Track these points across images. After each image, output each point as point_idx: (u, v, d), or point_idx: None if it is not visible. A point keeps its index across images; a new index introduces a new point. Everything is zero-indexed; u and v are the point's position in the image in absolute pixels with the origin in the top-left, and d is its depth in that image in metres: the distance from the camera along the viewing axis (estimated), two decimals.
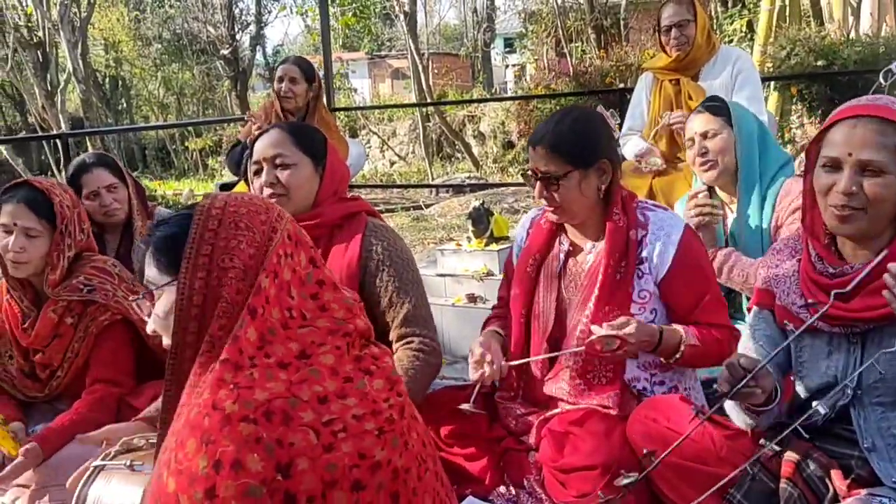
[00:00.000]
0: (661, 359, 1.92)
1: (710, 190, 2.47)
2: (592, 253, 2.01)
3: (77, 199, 2.38)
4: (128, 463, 1.73)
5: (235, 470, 0.91)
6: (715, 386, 1.64)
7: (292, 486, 0.92)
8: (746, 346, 1.74)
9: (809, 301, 1.58)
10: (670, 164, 3.26)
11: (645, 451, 1.68)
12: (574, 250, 2.06)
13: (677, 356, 1.88)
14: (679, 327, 1.91)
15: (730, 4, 10.68)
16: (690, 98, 3.26)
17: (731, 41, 9.47)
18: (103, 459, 1.77)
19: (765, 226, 2.33)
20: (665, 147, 3.29)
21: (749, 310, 1.81)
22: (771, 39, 7.29)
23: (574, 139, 1.94)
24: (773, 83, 7.21)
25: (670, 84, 3.34)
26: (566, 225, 2.08)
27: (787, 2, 8.05)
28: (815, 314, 1.54)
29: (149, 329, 1.20)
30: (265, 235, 1.08)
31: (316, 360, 1.01)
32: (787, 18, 8.00)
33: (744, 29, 9.80)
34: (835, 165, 1.49)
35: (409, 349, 2.02)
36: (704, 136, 2.40)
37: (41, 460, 2.11)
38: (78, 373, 2.34)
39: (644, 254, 1.94)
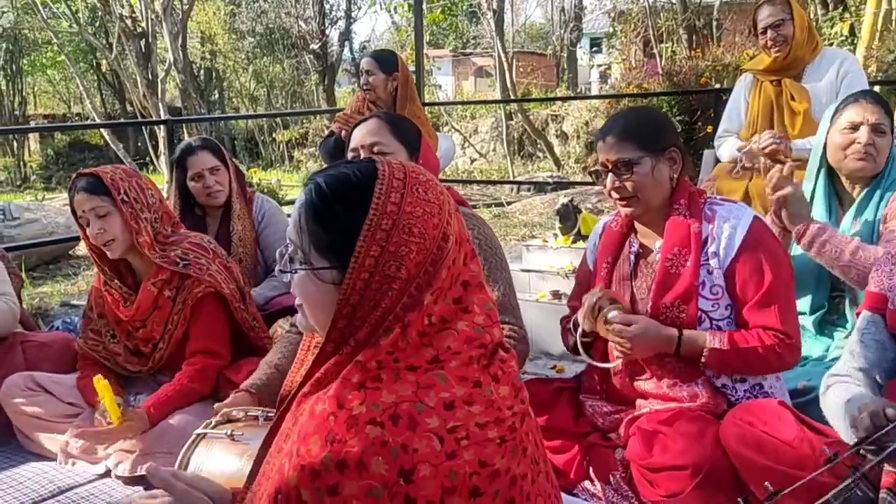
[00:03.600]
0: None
1: (831, 183, 2.42)
2: (661, 252, 1.99)
3: (137, 172, 2.52)
4: (229, 432, 1.81)
5: (359, 471, 0.91)
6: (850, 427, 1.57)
7: (413, 490, 0.92)
8: (854, 350, 1.69)
9: None
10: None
11: (767, 484, 1.61)
12: (644, 252, 2.05)
13: (702, 360, 1.86)
14: (705, 333, 1.87)
15: (830, 7, 10.26)
16: (793, 99, 3.15)
17: (831, 44, 9.11)
18: (205, 429, 1.86)
19: (878, 219, 2.27)
20: None
21: (858, 314, 1.76)
22: (876, 43, 6.99)
23: (643, 126, 1.96)
24: (877, 88, 6.91)
25: (771, 85, 3.24)
26: (636, 226, 2.07)
27: (893, 5, 7.71)
28: None
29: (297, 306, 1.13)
30: (435, 243, 1.02)
31: (447, 366, 0.99)
32: (894, 22, 7.66)
33: (844, 32, 9.41)
34: None
35: None
36: (875, 129, 2.28)
37: (147, 428, 2.22)
38: (178, 345, 2.46)
39: (712, 249, 1.90)
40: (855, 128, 2.31)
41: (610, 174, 1.95)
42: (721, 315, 1.90)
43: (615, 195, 1.98)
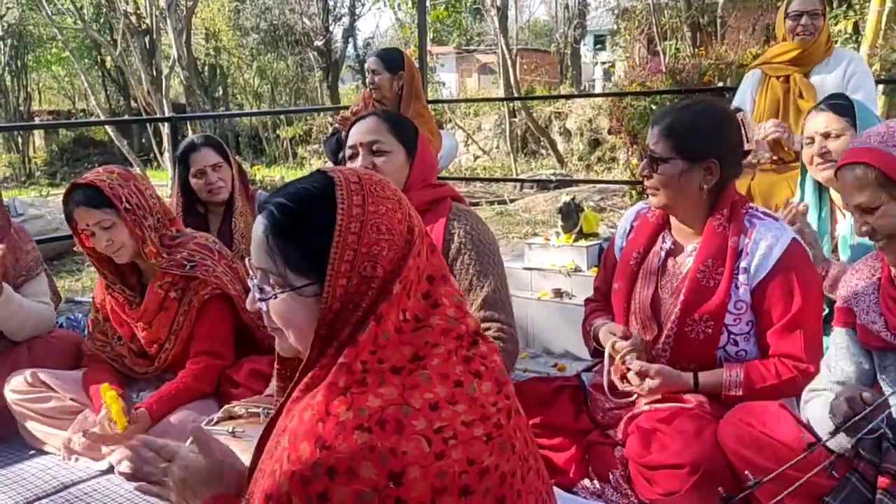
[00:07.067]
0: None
1: (823, 191, 2.42)
2: (692, 256, 1.98)
3: (130, 172, 2.46)
4: (230, 429, 1.83)
5: (349, 476, 0.92)
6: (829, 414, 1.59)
7: (403, 493, 0.93)
8: (831, 365, 1.73)
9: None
10: (773, 164, 3.17)
11: (750, 476, 1.62)
12: (675, 249, 2.05)
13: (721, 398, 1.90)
14: (721, 373, 1.90)
15: (835, 5, 10.24)
16: (801, 96, 3.17)
17: (835, 42, 9.10)
18: (207, 425, 1.87)
19: None
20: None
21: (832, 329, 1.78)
22: (880, 41, 6.97)
23: (688, 129, 1.94)
24: (881, 87, 6.89)
25: (779, 82, 3.26)
26: (672, 221, 2.07)
27: None
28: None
29: (269, 327, 1.13)
30: (403, 237, 1.05)
31: (429, 364, 1.01)
32: None
33: (848, 30, 9.37)
34: None
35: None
36: (826, 136, 2.32)
37: (150, 426, 2.23)
38: (183, 346, 2.46)
39: (744, 263, 1.90)
40: (811, 141, 2.36)
41: (645, 161, 2.00)
42: (741, 330, 1.92)
43: (646, 181, 2.01)
